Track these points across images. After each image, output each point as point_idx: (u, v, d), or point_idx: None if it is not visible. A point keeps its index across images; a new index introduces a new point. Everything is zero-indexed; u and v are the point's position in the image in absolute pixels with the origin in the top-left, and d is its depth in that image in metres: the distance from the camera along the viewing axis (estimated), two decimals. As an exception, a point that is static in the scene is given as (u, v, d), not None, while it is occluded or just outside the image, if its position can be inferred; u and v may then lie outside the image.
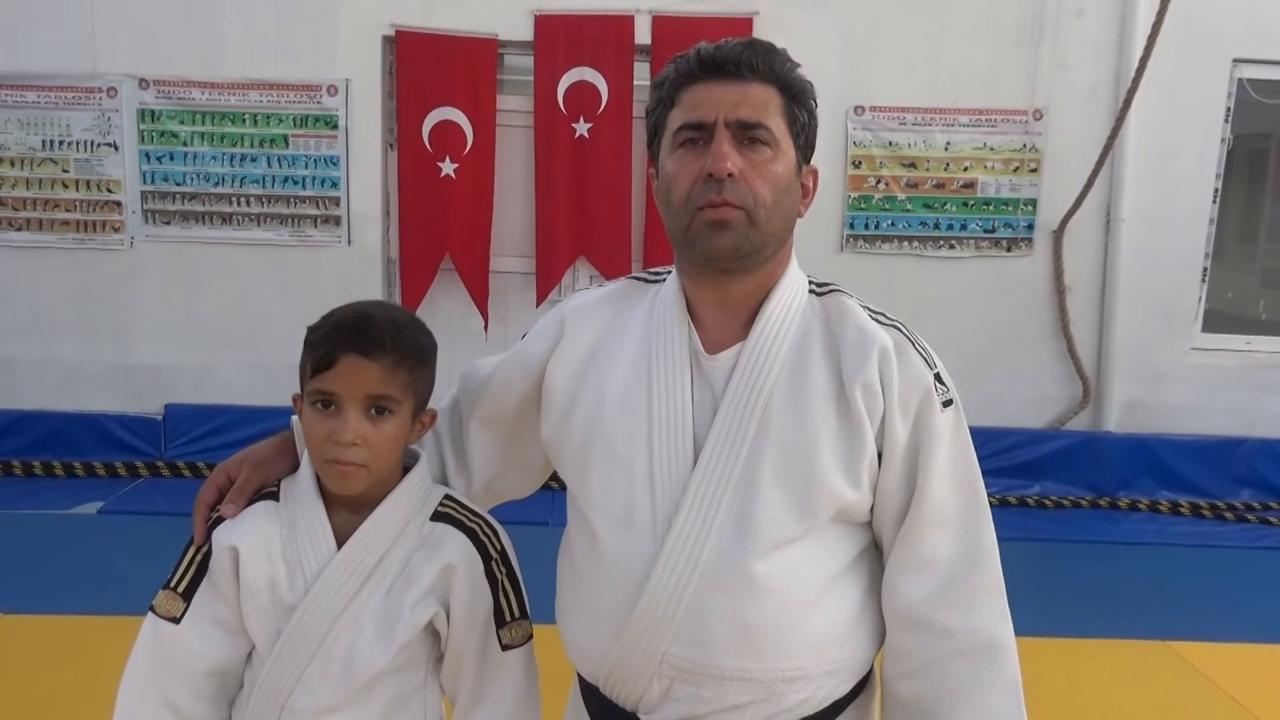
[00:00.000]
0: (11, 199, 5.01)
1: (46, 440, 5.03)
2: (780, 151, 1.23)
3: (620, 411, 1.27)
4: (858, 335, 1.25)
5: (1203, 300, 5.33)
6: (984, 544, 1.26)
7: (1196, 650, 3.41)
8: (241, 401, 4.99)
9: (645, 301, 1.36)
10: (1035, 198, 5.14)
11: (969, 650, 1.22)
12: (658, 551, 1.21)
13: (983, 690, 1.22)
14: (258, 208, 5.05)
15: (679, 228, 1.25)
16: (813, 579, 1.22)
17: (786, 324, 1.27)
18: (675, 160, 1.24)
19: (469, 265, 5.06)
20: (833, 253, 5.15)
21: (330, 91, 4.97)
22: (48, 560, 3.92)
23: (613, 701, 1.29)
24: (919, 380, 1.25)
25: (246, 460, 1.37)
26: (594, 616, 1.28)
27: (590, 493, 1.29)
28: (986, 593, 1.24)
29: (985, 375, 5.19)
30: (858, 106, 5.05)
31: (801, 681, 1.22)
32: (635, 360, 1.30)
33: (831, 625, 1.24)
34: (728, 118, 1.21)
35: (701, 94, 1.23)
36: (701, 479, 1.21)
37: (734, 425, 1.22)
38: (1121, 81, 4.93)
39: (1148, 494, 5.17)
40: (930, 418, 1.24)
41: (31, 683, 2.91)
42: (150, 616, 1.33)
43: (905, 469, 1.24)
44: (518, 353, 1.42)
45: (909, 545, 1.24)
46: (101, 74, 4.92)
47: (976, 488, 1.28)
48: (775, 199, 1.23)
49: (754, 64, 1.22)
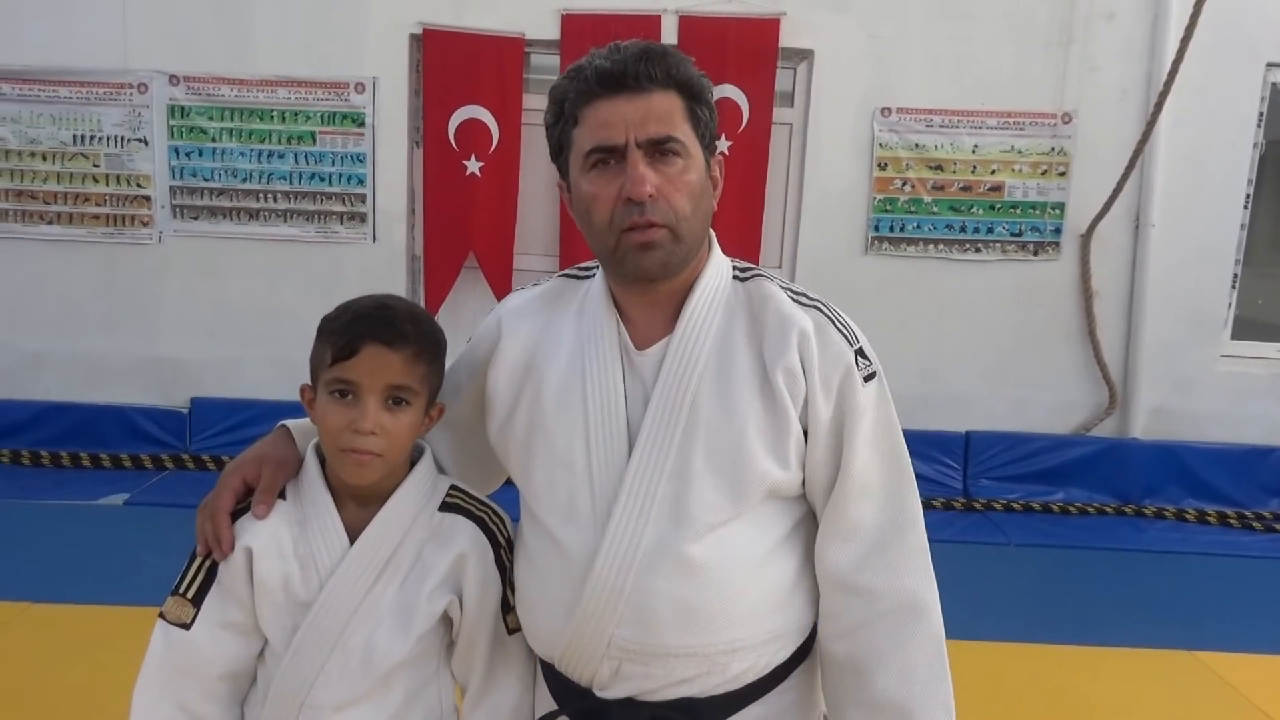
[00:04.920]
0: (43, 193, 5.08)
1: (74, 432, 5.09)
2: (691, 158, 1.26)
3: (558, 410, 1.32)
4: (777, 320, 1.30)
5: (1232, 306, 5.26)
6: (908, 510, 1.31)
7: (1223, 660, 3.38)
8: (266, 396, 5.02)
9: (576, 300, 1.40)
10: (1063, 201, 5.09)
11: (894, 610, 1.29)
12: (599, 542, 1.26)
13: (907, 645, 1.29)
14: (285, 204, 5.09)
15: (605, 249, 1.28)
16: (748, 555, 1.27)
17: (710, 315, 1.32)
18: (589, 181, 1.26)
19: (493, 263, 5.07)
20: (857, 255, 5.13)
21: (358, 89, 5.00)
22: (75, 550, 3.97)
23: (569, 679, 1.33)
24: (839, 358, 1.29)
25: (265, 460, 1.37)
26: (546, 603, 1.32)
27: (535, 489, 1.34)
28: (911, 556, 1.30)
29: (1010, 380, 5.16)
30: (884, 108, 5.02)
31: (743, 651, 1.28)
32: (570, 360, 1.34)
33: (768, 596, 1.30)
34: (638, 137, 1.22)
35: (606, 113, 1.24)
36: (636, 470, 1.26)
37: (664, 417, 1.27)
38: (1152, 85, 4.87)
39: (1174, 502, 5.11)
40: (852, 393, 1.28)
41: (60, 670, 2.95)
42: (160, 623, 1.33)
43: (831, 443, 1.29)
44: (465, 356, 1.47)
45: (837, 514, 1.29)
46: (132, 70, 4.97)
47: (901, 457, 1.33)
48: (693, 206, 1.26)
49: (652, 74, 1.23)
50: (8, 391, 5.16)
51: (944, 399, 5.14)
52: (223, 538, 1.31)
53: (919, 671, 1.29)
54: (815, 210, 5.11)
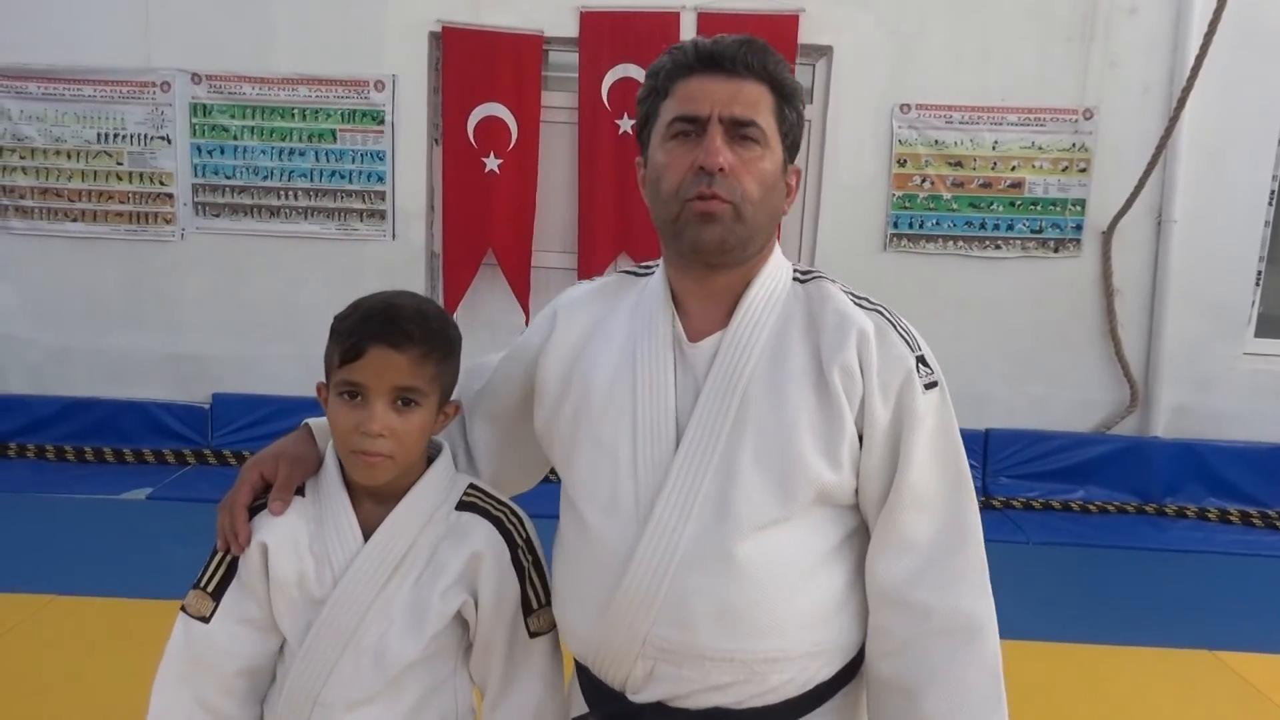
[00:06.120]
0: (67, 190, 5.12)
1: (98, 427, 5.14)
2: (769, 150, 1.26)
3: (606, 400, 1.30)
4: (836, 319, 1.27)
5: (1256, 304, 5.21)
6: (966, 525, 1.27)
7: (1245, 661, 3.35)
8: (286, 392, 5.05)
9: (634, 294, 1.39)
10: (1084, 198, 5.05)
11: (947, 630, 1.23)
12: (640, 535, 1.24)
13: (959, 669, 1.23)
14: (305, 201, 5.12)
15: (667, 217, 1.27)
16: (795, 561, 1.24)
17: (767, 311, 1.30)
18: (666, 152, 1.27)
19: (511, 260, 5.08)
20: (876, 252, 5.11)
21: (377, 87, 5.02)
22: (98, 544, 4.01)
23: (602, 681, 1.31)
24: (900, 362, 1.26)
25: (283, 457, 1.38)
26: (581, 599, 1.31)
27: (578, 480, 1.32)
28: (967, 573, 1.25)
29: (1031, 377, 5.13)
30: (904, 104, 5.00)
31: (783, 663, 1.24)
32: (622, 350, 1.33)
33: (814, 607, 1.26)
34: (722, 113, 1.23)
35: (696, 87, 1.25)
36: (682, 464, 1.24)
37: (713, 411, 1.25)
38: (1175, 80, 4.83)
39: (1195, 501, 5.07)
40: (912, 399, 1.25)
41: (83, 662, 2.99)
42: (181, 616, 1.33)
43: (887, 451, 1.25)
44: (517, 348, 1.46)
45: (890, 526, 1.25)
46: (155, 69, 5.01)
47: (960, 469, 1.28)
48: (762, 195, 1.25)
49: (749, 62, 1.25)
50: (33, 387, 5.22)
51: (963, 397, 5.04)
52: (239, 531, 1.32)
53: (970, 697, 1.23)
54: (834, 206, 5.10)
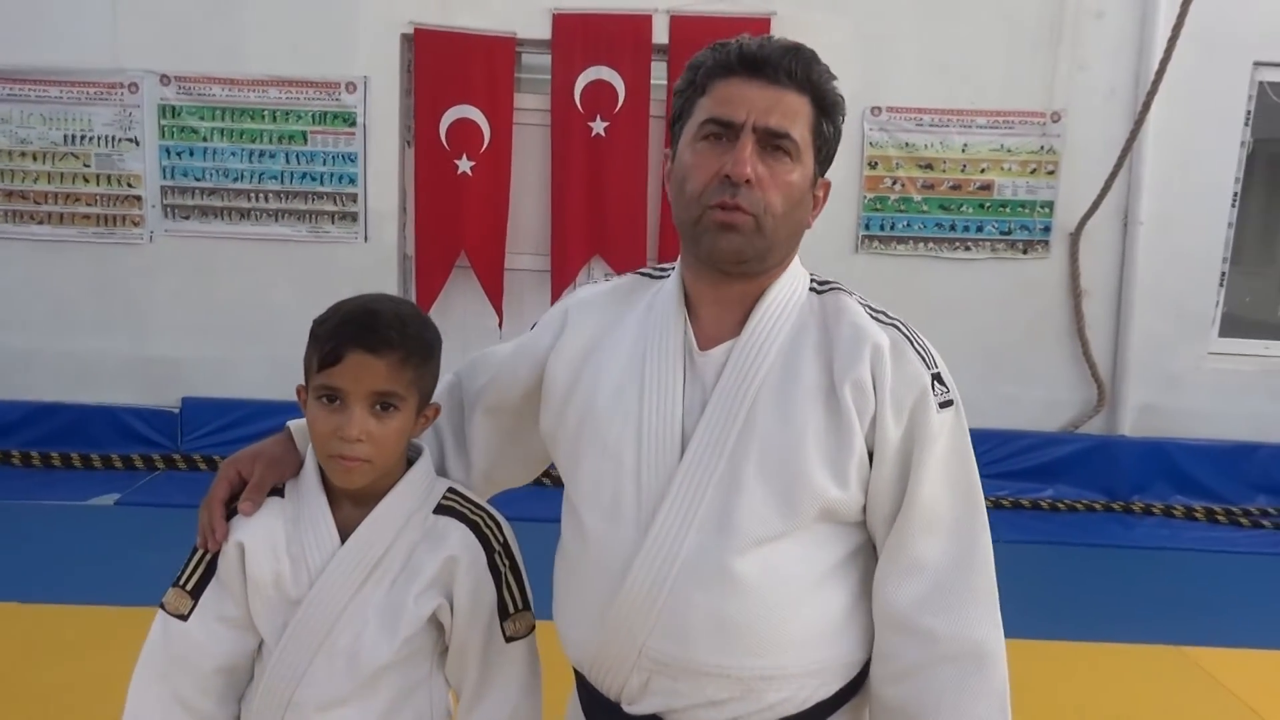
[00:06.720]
0: (33, 193, 5.06)
1: (64, 432, 5.08)
2: (800, 163, 1.22)
3: (612, 404, 1.28)
4: (851, 332, 1.25)
5: (1220, 304, 5.29)
6: (977, 549, 1.24)
7: (1210, 655, 3.40)
8: (258, 396, 5.01)
9: (647, 297, 1.37)
10: (1052, 200, 5.11)
11: (955, 657, 1.20)
12: (640, 543, 1.21)
13: (967, 699, 1.20)
14: (276, 204, 5.08)
15: (688, 219, 1.24)
16: (796, 577, 1.21)
17: (781, 321, 1.27)
18: (695, 152, 1.23)
19: (484, 262, 5.07)
20: (847, 253, 5.14)
21: (349, 89, 5.00)
22: (65, 551, 3.96)
23: (599, 691, 1.30)
24: (915, 379, 1.23)
25: (259, 457, 1.37)
26: (580, 605, 1.29)
27: (580, 484, 1.30)
28: (977, 599, 1.22)
29: (1000, 378, 5.18)
30: (874, 107, 5.04)
31: (781, 680, 1.21)
32: (631, 354, 1.30)
33: (815, 625, 1.22)
34: (757, 122, 1.19)
35: (735, 90, 1.21)
36: (685, 473, 1.21)
37: (720, 421, 1.22)
38: (1140, 84, 4.90)
39: (1162, 498, 5.14)
40: (925, 417, 1.22)
41: (50, 670, 2.94)
42: (160, 614, 1.33)
43: (897, 469, 1.22)
44: (525, 344, 1.43)
45: (899, 547, 1.22)
46: (123, 69, 4.96)
47: (973, 491, 1.25)
48: (786, 209, 1.22)
49: (793, 70, 1.21)
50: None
51: (934, 397, 5.15)
52: (216, 528, 1.32)
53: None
54: (806, 209, 5.12)
